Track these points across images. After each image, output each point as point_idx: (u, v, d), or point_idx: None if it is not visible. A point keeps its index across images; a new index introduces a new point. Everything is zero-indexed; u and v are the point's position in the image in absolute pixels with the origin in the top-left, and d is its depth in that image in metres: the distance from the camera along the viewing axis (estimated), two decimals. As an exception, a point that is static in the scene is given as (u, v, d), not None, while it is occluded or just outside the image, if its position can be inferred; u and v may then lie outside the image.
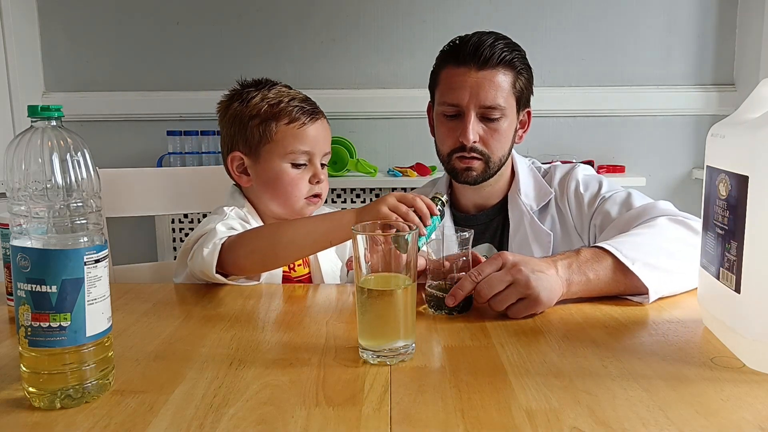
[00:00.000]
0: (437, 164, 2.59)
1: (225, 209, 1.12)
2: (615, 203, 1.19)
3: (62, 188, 0.61)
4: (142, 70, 2.63)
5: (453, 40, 1.24)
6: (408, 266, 0.74)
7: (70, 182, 0.62)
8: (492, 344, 0.79)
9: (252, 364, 0.74)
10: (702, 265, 0.82)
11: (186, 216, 2.51)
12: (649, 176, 2.59)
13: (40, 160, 0.61)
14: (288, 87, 1.16)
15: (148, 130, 2.63)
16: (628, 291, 0.94)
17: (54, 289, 0.61)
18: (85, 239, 0.63)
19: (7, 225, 0.85)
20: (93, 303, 0.63)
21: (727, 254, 0.72)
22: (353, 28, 2.62)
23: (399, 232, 0.75)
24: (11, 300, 0.91)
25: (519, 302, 0.87)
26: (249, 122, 1.11)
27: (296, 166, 1.12)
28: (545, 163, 1.38)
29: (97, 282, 0.63)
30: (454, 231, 0.94)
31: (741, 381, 0.67)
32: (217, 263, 0.92)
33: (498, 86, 1.19)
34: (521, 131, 1.31)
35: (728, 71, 2.63)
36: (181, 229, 2.53)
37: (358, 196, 2.52)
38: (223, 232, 0.95)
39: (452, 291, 0.89)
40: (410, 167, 2.53)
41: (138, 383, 0.69)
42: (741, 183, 0.69)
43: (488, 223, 1.32)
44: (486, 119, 1.21)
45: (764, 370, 0.69)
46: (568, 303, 0.93)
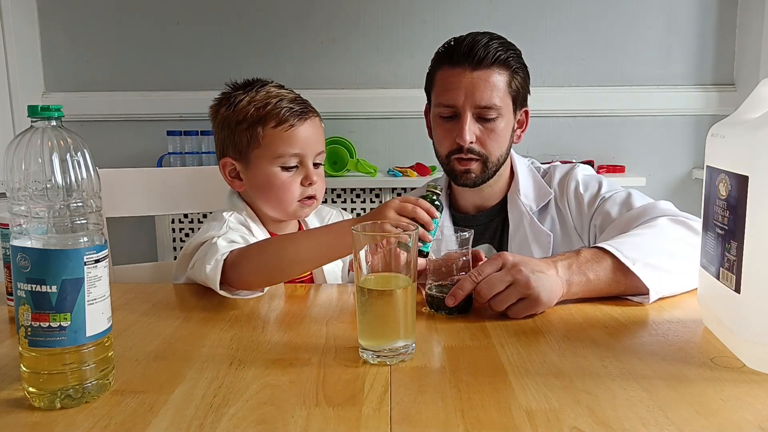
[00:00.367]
0: (437, 164, 2.59)
1: (224, 215, 1.10)
2: (615, 203, 1.19)
3: (62, 188, 0.61)
4: (142, 70, 2.63)
5: (448, 41, 1.23)
6: (408, 266, 0.74)
7: (70, 182, 0.62)
8: (492, 344, 0.79)
9: (252, 364, 0.74)
10: (702, 265, 0.82)
11: (186, 216, 2.51)
12: (649, 176, 2.59)
13: (40, 160, 0.61)
14: (279, 86, 1.12)
15: (148, 130, 2.63)
16: (629, 291, 0.94)
17: (54, 289, 0.61)
18: (85, 239, 0.63)
19: (7, 225, 0.85)
20: (93, 303, 0.63)
21: (727, 254, 0.72)
22: (353, 28, 2.62)
23: (405, 232, 0.75)
24: (11, 300, 0.91)
25: (519, 302, 0.87)
26: (237, 127, 1.08)
27: (287, 169, 1.09)
28: (545, 163, 1.37)
29: (97, 282, 0.63)
30: (454, 231, 0.94)
31: (741, 381, 0.67)
32: (221, 278, 0.91)
33: (493, 86, 1.19)
34: (519, 131, 1.30)
35: (728, 71, 2.63)
36: (181, 229, 2.53)
37: (358, 196, 2.52)
38: (225, 247, 0.93)
39: (452, 291, 0.89)
40: (410, 167, 2.53)
41: (138, 383, 0.69)
42: (741, 183, 0.69)
43: (488, 224, 1.32)
44: (482, 119, 1.21)
45: (764, 370, 0.69)
46: (568, 303, 0.93)
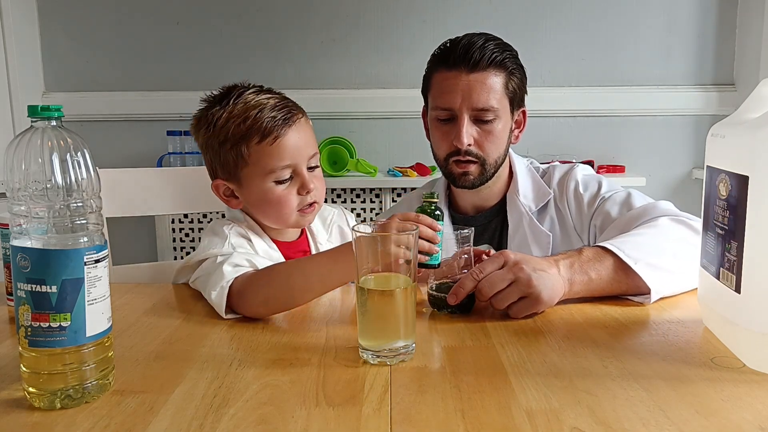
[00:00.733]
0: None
1: (224, 229, 1.05)
2: (615, 203, 1.19)
3: (62, 188, 0.61)
4: (142, 70, 2.63)
5: (444, 43, 1.23)
6: (408, 266, 0.74)
7: (70, 182, 0.62)
8: (492, 344, 0.79)
9: (252, 364, 0.74)
10: (702, 265, 0.82)
11: (186, 216, 2.51)
12: (649, 176, 2.59)
13: (40, 160, 0.61)
14: (257, 91, 1.04)
15: (148, 130, 2.63)
16: (630, 291, 0.94)
17: (54, 289, 0.60)
18: (85, 239, 0.63)
19: (7, 225, 0.85)
20: (93, 303, 0.63)
21: (727, 254, 0.72)
22: (353, 28, 2.62)
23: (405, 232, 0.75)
24: (11, 300, 0.91)
25: (520, 301, 0.87)
26: (220, 148, 1.02)
27: (281, 182, 1.03)
28: (544, 163, 1.37)
29: (97, 282, 0.63)
30: (454, 230, 0.94)
31: (741, 381, 0.67)
32: (227, 303, 0.91)
33: (490, 88, 1.19)
34: (517, 131, 1.30)
35: (728, 71, 2.63)
36: (181, 229, 2.53)
37: (358, 196, 2.52)
38: (230, 273, 0.92)
39: (453, 289, 0.89)
40: (410, 167, 2.53)
41: (138, 383, 0.69)
42: (741, 183, 0.69)
43: (487, 225, 1.32)
44: (479, 121, 1.20)
45: (764, 370, 0.69)
46: (569, 303, 0.93)
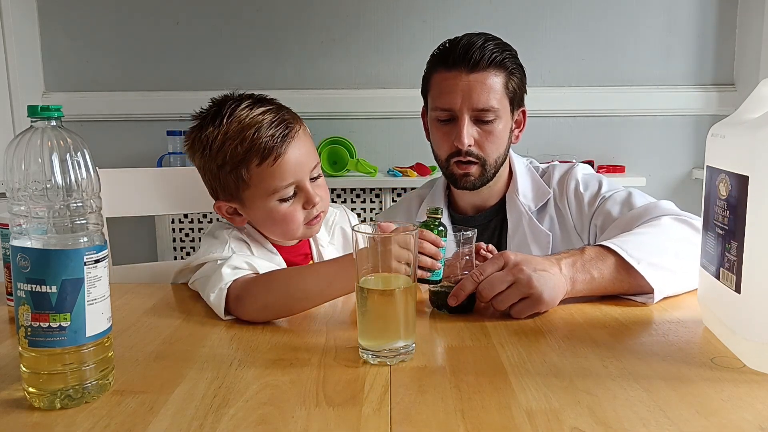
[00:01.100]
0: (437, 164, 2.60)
1: (224, 234, 1.05)
2: (616, 203, 1.19)
3: (62, 188, 0.61)
4: (142, 70, 2.63)
5: (443, 44, 1.23)
6: (408, 264, 0.74)
7: (70, 182, 0.62)
8: (492, 344, 0.79)
9: (252, 364, 0.74)
10: (702, 265, 0.82)
11: (186, 216, 2.51)
12: (649, 176, 2.59)
13: (40, 160, 0.61)
14: (251, 104, 1.00)
15: (148, 130, 2.63)
16: (633, 290, 0.94)
17: (54, 289, 0.60)
18: (85, 239, 0.63)
19: (7, 225, 0.85)
20: (93, 303, 0.63)
21: (727, 254, 0.72)
22: (353, 28, 2.62)
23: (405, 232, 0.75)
24: (11, 300, 0.91)
25: (521, 302, 0.87)
26: (219, 172, 1.00)
27: (285, 200, 1.01)
28: (544, 163, 1.37)
29: (97, 282, 0.63)
30: (457, 230, 0.94)
31: (741, 381, 0.67)
32: (225, 306, 0.91)
33: (490, 88, 1.18)
34: (517, 131, 1.30)
35: (728, 71, 2.63)
36: (181, 229, 2.53)
37: (358, 196, 2.52)
38: (229, 275, 0.92)
39: (454, 291, 0.89)
40: (410, 167, 2.53)
41: (138, 383, 0.69)
42: (741, 183, 0.69)
43: (486, 224, 1.32)
44: (480, 122, 1.20)
45: (764, 371, 0.69)
46: (569, 303, 0.93)
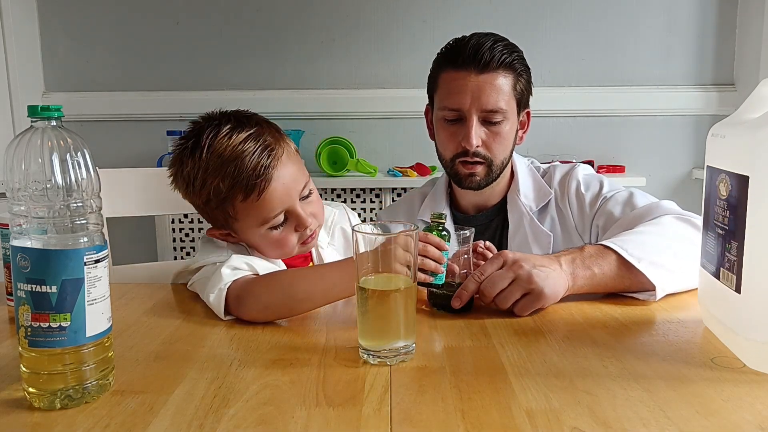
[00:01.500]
0: (437, 164, 2.58)
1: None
2: (617, 203, 1.19)
3: (62, 188, 0.61)
4: (142, 70, 2.63)
5: (450, 43, 1.22)
6: (408, 266, 0.74)
7: (70, 182, 0.62)
8: (492, 344, 0.79)
9: (252, 364, 0.74)
10: (702, 265, 0.82)
11: (186, 216, 2.51)
12: (649, 176, 2.59)
13: (40, 160, 0.61)
14: (230, 131, 0.96)
15: (148, 130, 2.63)
16: (634, 287, 0.94)
17: (54, 290, 0.60)
18: (85, 239, 0.63)
19: (7, 225, 0.85)
20: (93, 303, 0.63)
21: (728, 254, 0.72)
22: (353, 28, 2.62)
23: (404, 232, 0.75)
24: (11, 300, 0.91)
25: (524, 298, 0.87)
26: (205, 207, 0.99)
27: (276, 227, 1.00)
28: (544, 164, 1.37)
29: (97, 282, 0.63)
30: (455, 230, 0.94)
31: (741, 381, 0.67)
32: (225, 307, 0.91)
33: (499, 89, 1.18)
34: (521, 132, 1.30)
35: (728, 71, 2.63)
36: (181, 229, 2.53)
37: (358, 196, 2.52)
38: (228, 275, 0.92)
39: (457, 293, 0.89)
40: (410, 167, 2.53)
41: (138, 383, 0.69)
42: (741, 183, 0.69)
43: (488, 224, 1.32)
44: (488, 123, 1.20)
45: (764, 370, 0.69)
46: (569, 303, 0.93)
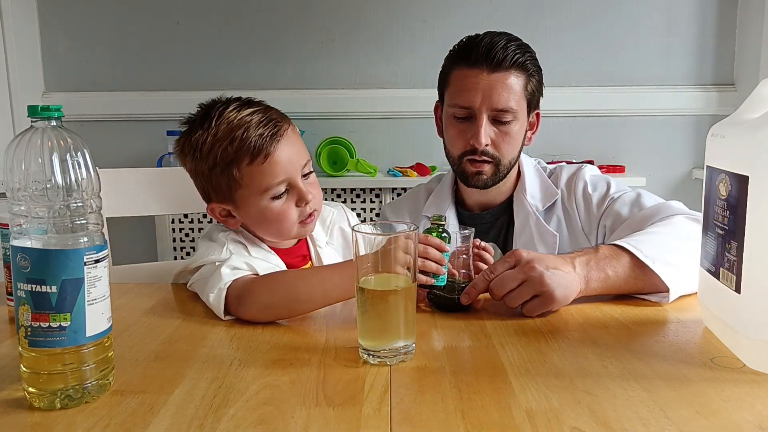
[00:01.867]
0: (437, 164, 2.59)
1: (221, 236, 1.05)
2: (625, 203, 1.18)
3: (62, 188, 0.61)
4: (142, 70, 2.63)
5: (463, 40, 1.22)
6: (408, 267, 0.74)
7: (70, 182, 0.62)
8: (492, 344, 0.79)
9: (252, 364, 0.74)
10: (702, 265, 0.82)
11: (186, 216, 2.51)
12: (649, 176, 2.59)
13: (40, 160, 0.61)
14: (238, 106, 1.01)
15: (148, 130, 2.63)
16: (647, 289, 0.94)
17: (54, 289, 0.60)
18: (85, 239, 0.63)
19: (7, 225, 0.85)
20: (93, 303, 0.63)
21: (727, 254, 0.72)
22: (353, 28, 2.61)
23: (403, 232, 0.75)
24: (11, 300, 0.91)
25: (533, 299, 0.87)
26: (210, 173, 1.01)
27: (278, 198, 1.01)
28: (550, 164, 1.37)
29: (97, 282, 0.63)
30: (457, 229, 0.94)
31: (741, 381, 0.67)
32: (225, 306, 0.91)
33: (510, 89, 1.18)
34: (530, 133, 1.30)
35: (728, 71, 2.63)
36: (181, 229, 2.53)
37: (358, 196, 2.52)
38: (228, 275, 0.92)
39: (466, 290, 0.89)
40: (410, 167, 2.53)
41: (138, 383, 0.69)
42: (741, 183, 0.69)
43: (493, 222, 1.32)
44: (497, 122, 1.20)
45: (764, 370, 0.69)
46: (570, 303, 0.92)
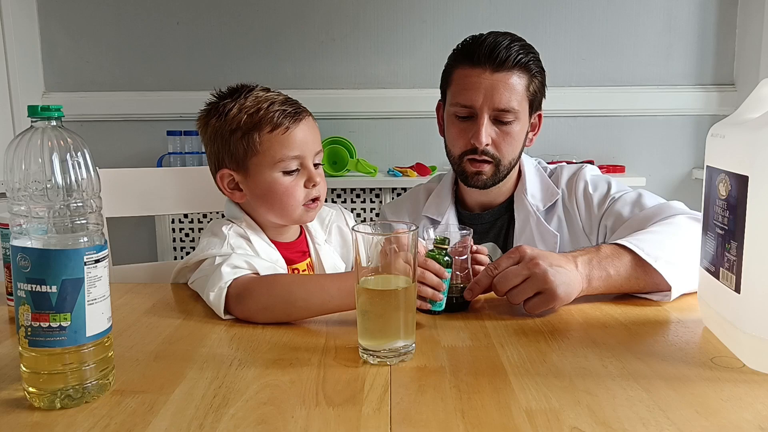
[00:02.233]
0: (437, 164, 2.59)
1: (223, 229, 1.05)
2: (626, 203, 1.18)
3: (62, 188, 0.61)
4: (142, 70, 2.63)
5: (466, 39, 1.22)
6: (408, 267, 0.74)
7: (70, 182, 0.62)
8: (492, 344, 0.79)
9: (252, 364, 0.74)
10: (702, 265, 0.82)
11: (186, 216, 2.51)
12: (649, 176, 2.59)
13: (40, 160, 0.61)
14: (266, 89, 1.08)
15: (148, 130, 2.63)
16: (649, 288, 0.94)
17: (54, 289, 0.61)
18: (85, 239, 0.63)
19: (7, 225, 0.85)
20: (93, 303, 0.63)
21: (727, 254, 0.72)
22: (353, 28, 2.62)
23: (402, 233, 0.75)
24: (11, 300, 0.91)
25: (536, 297, 0.87)
26: (231, 137, 1.04)
27: (288, 173, 1.05)
28: (551, 164, 1.37)
29: (97, 282, 0.63)
30: (456, 229, 0.94)
31: (741, 381, 0.67)
32: (225, 305, 0.91)
33: (512, 89, 1.18)
34: (532, 134, 1.30)
35: (728, 71, 2.63)
36: (181, 229, 2.53)
37: (358, 196, 2.52)
38: (229, 274, 0.93)
39: (470, 285, 0.89)
40: (410, 167, 2.52)
41: (138, 383, 0.69)
42: (741, 183, 0.69)
43: (493, 222, 1.32)
44: (499, 122, 1.20)
45: (764, 370, 0.69)
46: (570, 302, 0.92)
